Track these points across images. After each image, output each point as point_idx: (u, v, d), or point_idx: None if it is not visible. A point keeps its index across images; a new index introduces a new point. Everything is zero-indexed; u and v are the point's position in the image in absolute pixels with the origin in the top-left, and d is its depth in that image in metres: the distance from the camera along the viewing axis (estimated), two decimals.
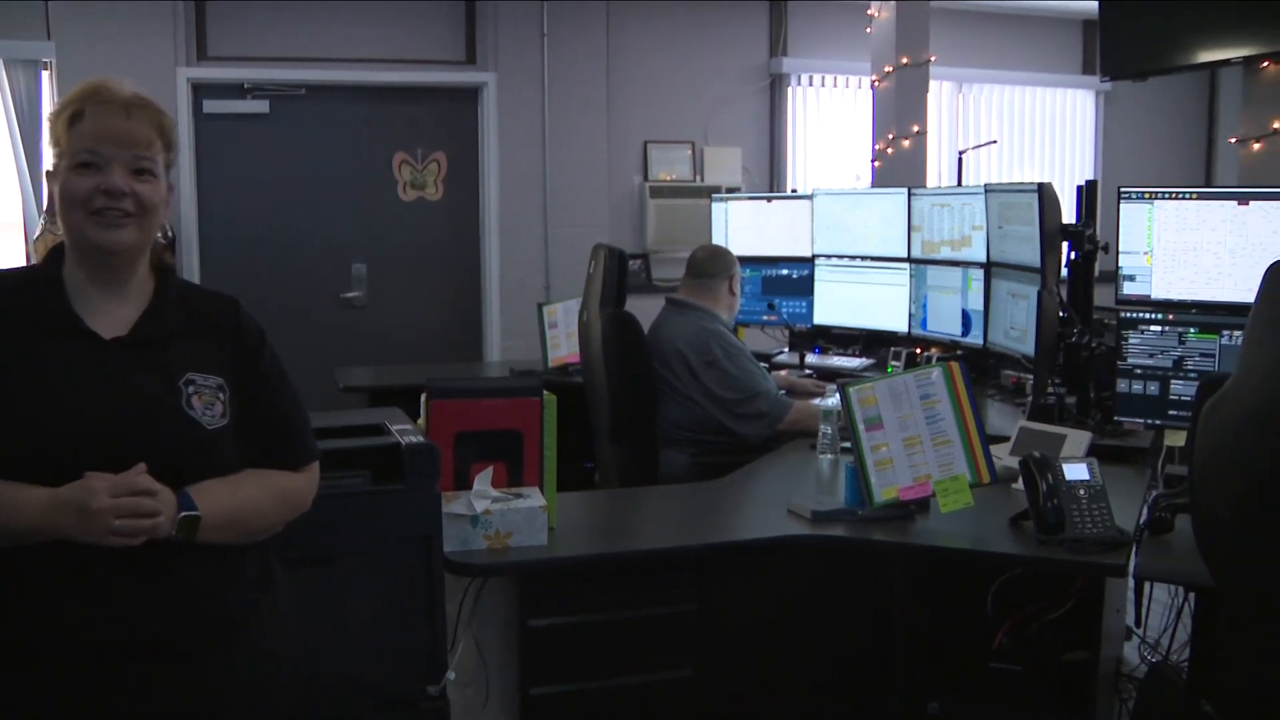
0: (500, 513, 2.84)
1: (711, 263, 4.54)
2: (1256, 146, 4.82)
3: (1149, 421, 3.62)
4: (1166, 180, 7.52)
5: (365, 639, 2.64)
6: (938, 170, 8.65)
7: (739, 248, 5.62)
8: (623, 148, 8.08)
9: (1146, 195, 3.67)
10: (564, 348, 5.52)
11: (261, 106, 7.01)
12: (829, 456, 3.77)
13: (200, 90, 6.84)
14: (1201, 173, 9.73)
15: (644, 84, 8.14)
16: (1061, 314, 4.04)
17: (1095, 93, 9.66)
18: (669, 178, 8.16)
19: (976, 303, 4.75)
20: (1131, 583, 3.68)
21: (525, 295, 7.08)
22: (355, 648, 2.63)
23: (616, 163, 8.02)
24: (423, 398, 2.96)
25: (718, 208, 5.98)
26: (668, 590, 2.97)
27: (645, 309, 4.62)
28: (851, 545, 3.05)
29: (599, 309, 4.47)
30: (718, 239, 5.82)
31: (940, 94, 9.07)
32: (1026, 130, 9.63)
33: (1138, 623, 3.83)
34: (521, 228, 7.56)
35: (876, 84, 7.20)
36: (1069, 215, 4.26)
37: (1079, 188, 4.31)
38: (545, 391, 3.02)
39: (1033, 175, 9.43)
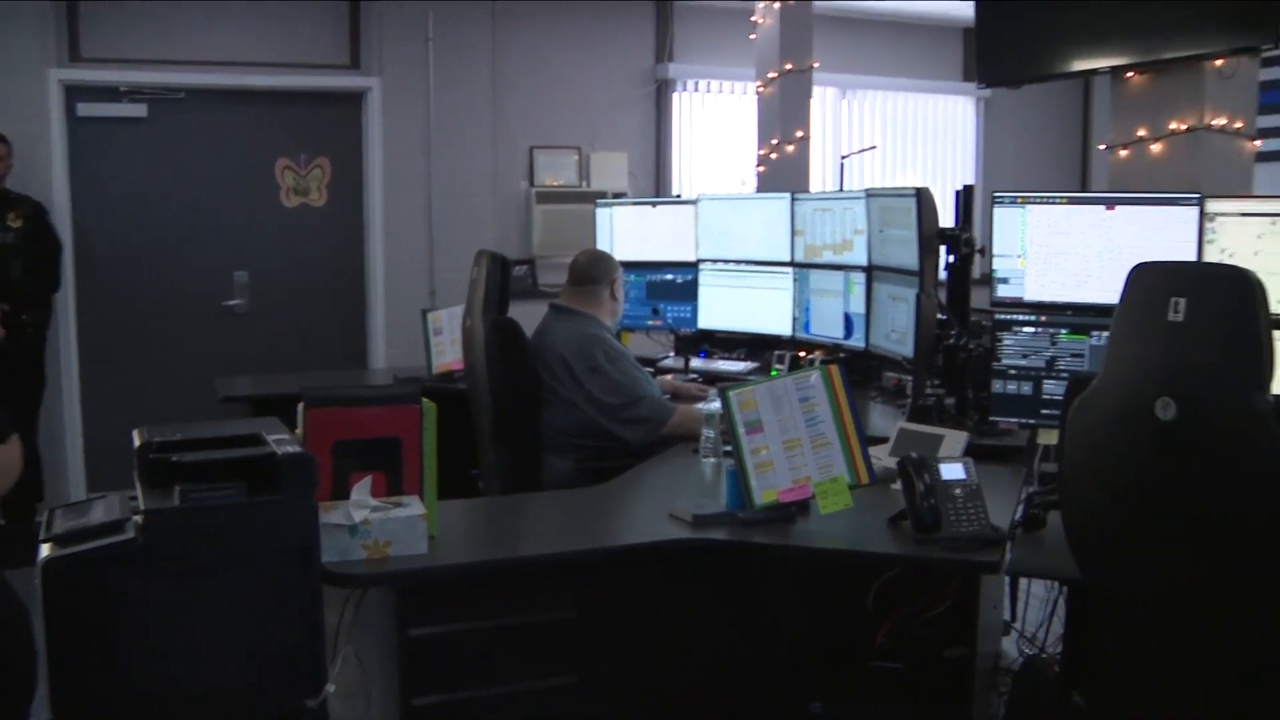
0: (379, 522, 2.80)
1: (593, 268, 4.54)
2: (1124, 153, 4.94)
3: (1023, 421, 3.70)
4: (1045, 185, 7.69)
5: (242, 652, 2.58)
6: (822, 175, 8.75)
7: (624, 253, 5.64)
8: (509, 153, 8.05)
9: (1019, 200, 3.74)
10: (449, 354, 5.48)
11: (139, 110, 6.85)
12: (711, 460, 3.78)
13: (74, 93, 6.66)
14: (1078, 178, 9.96)
15: (530, 89, 8.12)
16: (941, 316, 4.10)
17: (975, 99, 9.84)
18: (555, 183, 8.15)
19: (858, 306, 4.81)
20: (1008, 579, 3.77)
21: (410, 302, 7.02)
22: (232, 661, 2.57)
23: (502, 168, 7.98)
24: (300, 407, 2.92)
25: (602, 213, 5.98)
26: (549, 597, 2.96)
27: (532, 314, 4.59)
28: (732, 548, 3.06)
29: (482, 315, 4.44)
30: (602, 244, 5.82)
31: (824, 100, 9.17)
32: (910, 136, 9.77)
33: (1014, 617, 3.91)
34: (406, 233, 7.49)
35: (761, 90, 7.26)
36: (949, 219, 4.33)
37: (957, 192, 4.38)
38: (424, 399, 2.99)
39: (916, 180, 9.57)
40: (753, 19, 7.39)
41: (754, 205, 5.62)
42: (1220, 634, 2.23)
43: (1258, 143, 4.86)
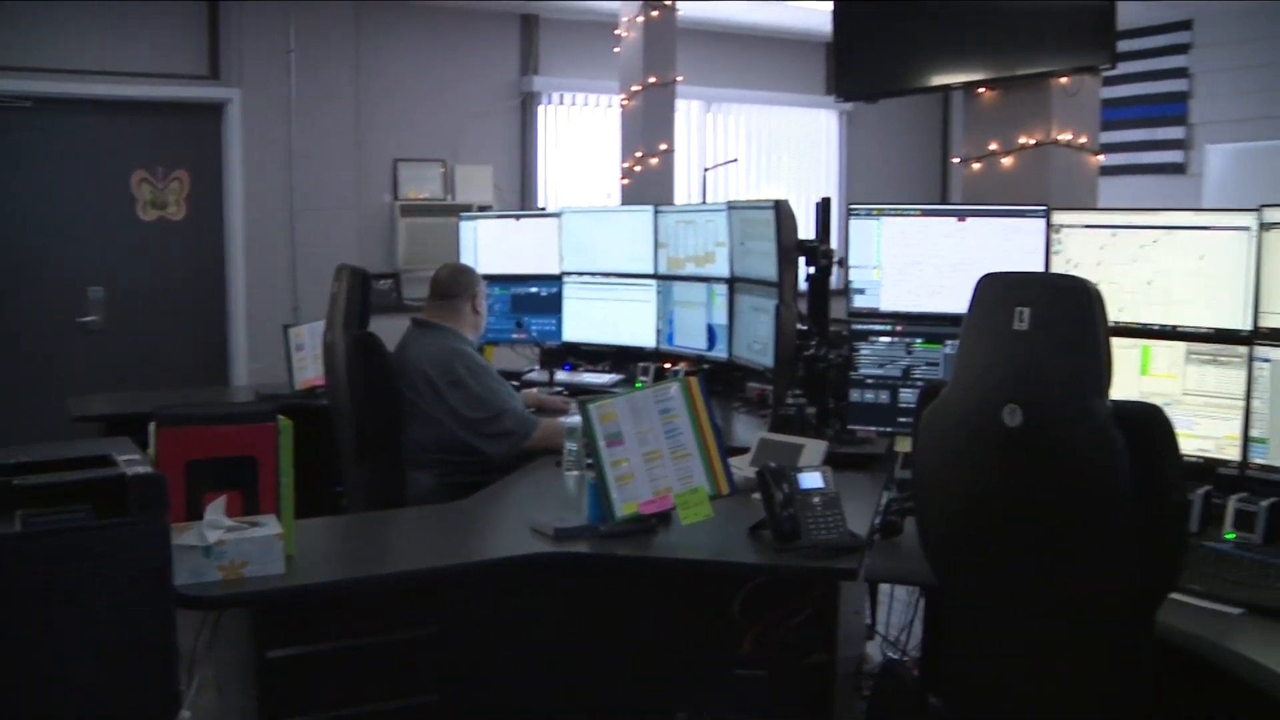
0: (234, 542, 2.74)
1: (454, 282, 4.51)
2: (976, 167, 5.08)
3: (881, 429, 3.77)
4: (906, 197, 7.85)
5: (93, 680, 2.51)
6: (687, 188, 8.82)
7: (488, 266, 5.64)
8: (372, 166, 7.98)
9: (874, 212, 3.81)
10: (311, 370, 5.40)
11: None
12: (575, 473, 3.78)
13: None
14: (938, 190, 10.19)
15: (394, 101, 8.06)
16: (801, 327, 4.16)
17: (838, 112, 10.01)
18: (420, 196, 8.10)
19: (720, 317, 4.86)
20: (869, 585, 3.83)
21: (273, 317, 6.90)
22: (81, 690, 2.50)
23: (366, 181, 7.91)
24: (151, 426, 2.85)
25: (466, 226, 5.95)
26: (410, 614, 2.93)
27: (398, 329, 4.55)
28: (594, 561, 3.06)
29: (342, 330, 4.38)
30: (466, 258, 5.80)
31: (689, 113, 9.25)
32: (774, 148, 9.89)
33: (874, 621, 3.98)
34: (268, 248, 7.37)
35: (625, 103, 7.29)
36: (811, 232, 4.39)
37: (817, 205, 4.45)
38: (281, 416, 2.94)
39: (781, 193, 9.69)
40: (617, 32, 7.42)
41: (617, 218, 5.64)
42: (1065, 636, 2.29)
43: (1101, 157, 5.03)
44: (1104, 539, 2.19)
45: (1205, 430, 3.24)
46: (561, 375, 5.51)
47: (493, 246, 5.86)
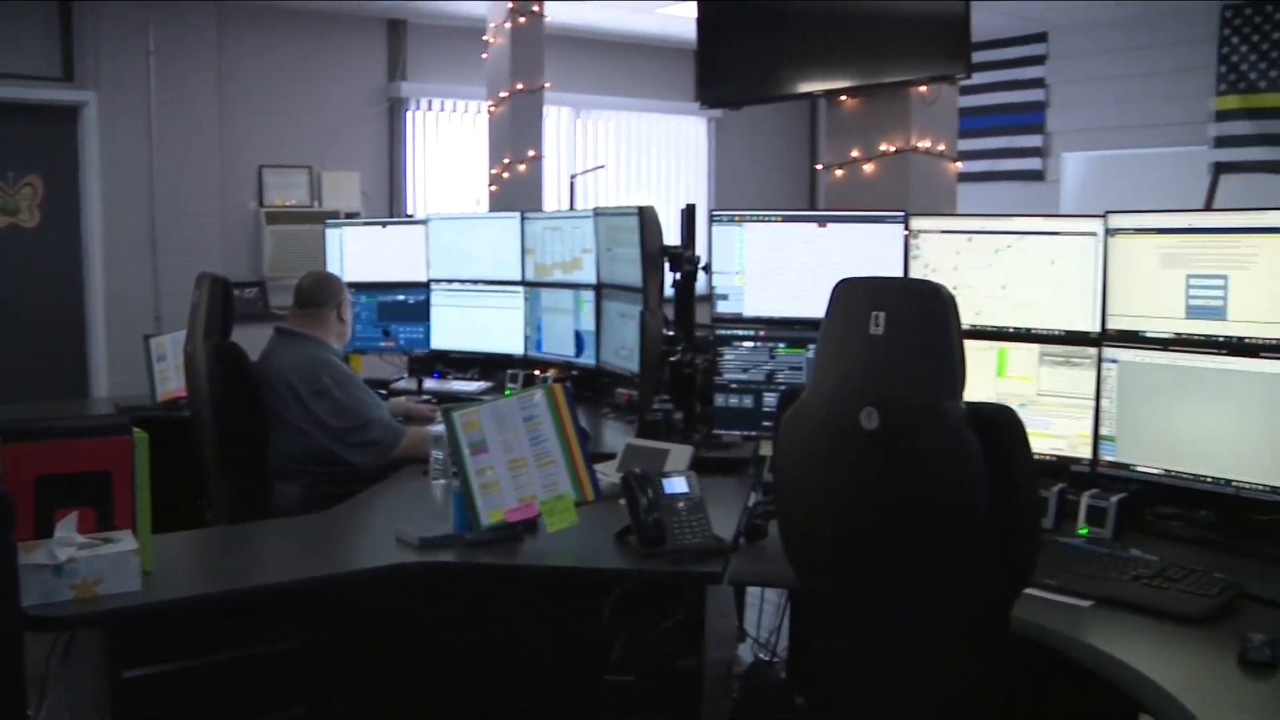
0: (86, 560, 2.66)
1: (318, 290, 4.45)
2: (839, 173, 5.16)
3: (746, 433, 3.81)
4: (775, 203, 7.95)
5: None
6: (558, 194, 8.82)
7: (354, 274, 5.58)
8: (237, 172, 7.84)
9: (736, 218, 3.85)
10: (174, 381, 5.28)
11: None
12: (442, 482, 3.74)
13: None
14: (806, 195, 10.33)
15: (259, 106, 7.94)
16: (668, 332, 4.18)
17: (707, 119, 10.09)
18: (286, 203, 7.98)
19: (588, 323, 4.87)
20: (737, 588, 3.86)
21: (133, 327, 6.73)
22: None
23: (230, 188, 7.77)
24: None
25: (332, 234, 5.87)
26: (272, 628, 2.87)
27: (265, 338, 4.48)
28: (461, 570, 3.04)
29: (203, 340, 4.29)
30: (332, 266, 5.72)
31: (559, 119, 9.25)
32: (645, 155, 9.95)
33: (741, 622, 4.01)
34: (128, 256, 7.20)
35: (493, 109, 7.27)
36: (677, 238, 4.41)
37: (682, 211, 4.47)
38: (136, 429, 2.87)
39: (652, 199, 9.74)
40: (485, 38, 7.39)
41: (484, 225, 5.62)
42: (924, 633, 2.33)
43: (959, 164, 5.14)
44: (960, 538, 2.23)
45: (1059, 429, 3.34)
46: (430, 383, 5.47)
47: (359, 254, 5.79)
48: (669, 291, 4.29)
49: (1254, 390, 2.99)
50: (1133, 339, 3.24)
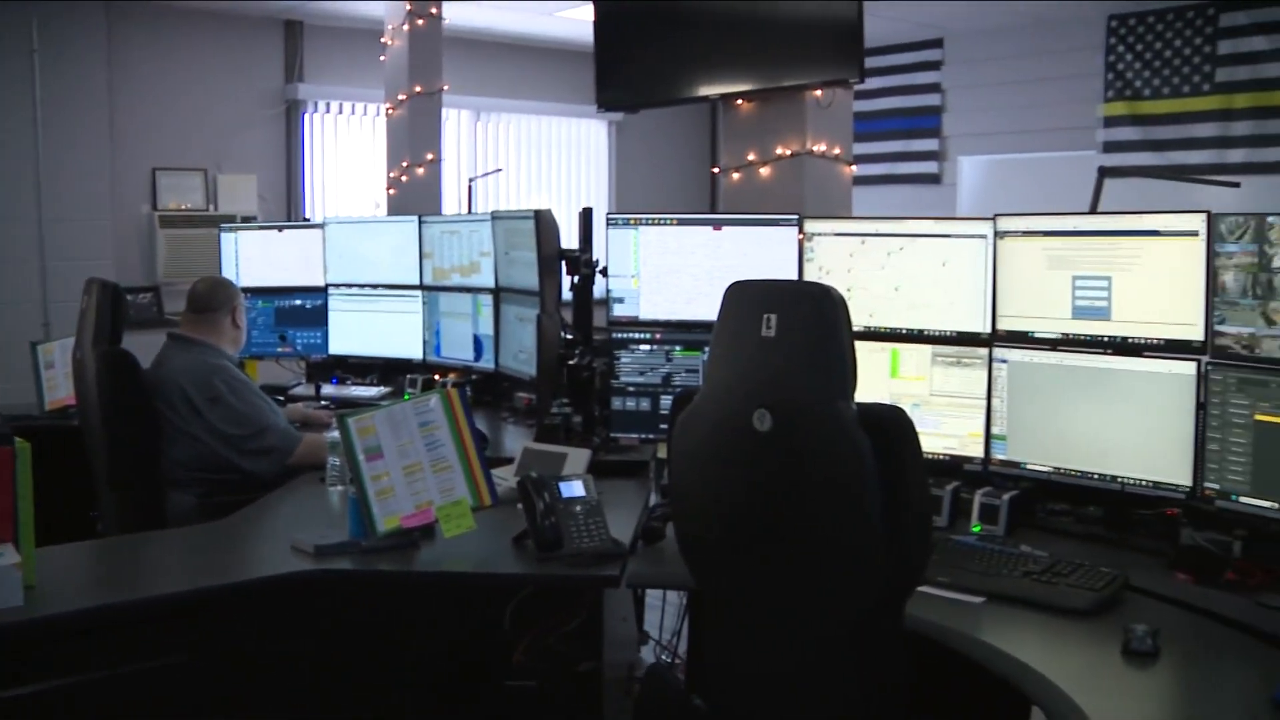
0: None
1: (211, 295, 4.38)
2: (736, 176, 5.19)
3: (643, 436, 3.82)
4: (676, 206, 7.97)
5: None
6: (458, 198, 8.78)
7: (250, 278, 5.50)
8: (129, 174, 7.69)
9: (631, 221, 3.86)
10: (63, 389, 5.16)
11: None
12: (339, 488, 3.70)
13: None
14: (707, 199, 10.38)
15: (152, 107, 7.79)
16: (566, 336, 4.17)
17: (608, 123, 10.10)
18: (180, 206, 7.84)
19: (487, 327, 4.86)
20: (638, 591, 3.86)
21: (20, 334, 6.54)
22: None
23: (122, 190, 7.62)
24: None
25: (227, 238, 5.78)
26: (163, 641, 2.82)
27: (159, 344, 4.38)
28: (357, 577, 3.01)
29: (92, 347, 4.20)
30: (228, 270, 5.63)
31: (458, 122, 9.21)
32: (546, 158, 9.93)
33: (641, 624, 4.02)
34: (14, 261, 7.02)
35: (391, 112, 7.21)
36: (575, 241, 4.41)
37: (580, 214, 4.47)
38: (18, 438, 2.79)
39: (554, 202, 9.73)
40: (383, 40, 7.33)
41: (382, 228, 5.58)
42: (819, 632, 2.35)
43: (854, 168, 5.20)
44: (853, 537, 2.26)
45: (952, 429, 3.39)
46: (328, 389, 5.41)
47: (255, 258, 5.70)
48: (567, 295, 4.28)
49: (1137, 389, 3.07)
50: (1022, 339, 3.31)
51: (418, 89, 7.01)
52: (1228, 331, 2.96)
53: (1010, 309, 3.33)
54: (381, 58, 7.37)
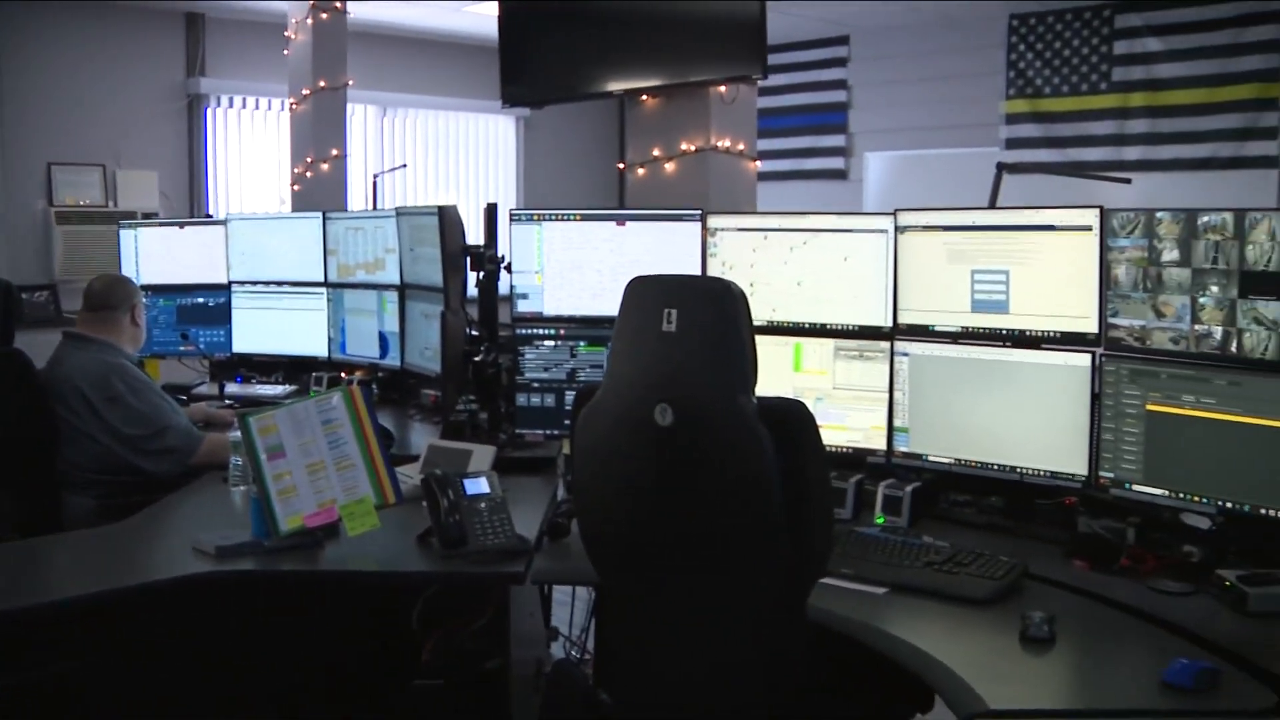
0: None
1: (109, 293, 4.29)
2: (641, 172, 5.20)
3: (548, 432, 3.82)
4: (585, 202, 7.96)
5: None
6: (365, 194, 8.70)
7: (151, 276, 5.42)
8: (22, 169, 7.52)
9: (535, 217, 3.86)
10: None
11: None
12: (241, 489, 3.65)
13: None
14: (616, 195, 10.38)
15: (47, 101, 7.62)
16: (472, 332, 4.15)
17: (516, 118, 10.07)
18: (78, 202, 7.68)
19: (392, 324, 4.83)
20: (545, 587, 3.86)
21: None
22: None
23: (15, 185, 7.45)
24: None
25: (126, 234, 5.67)
26: (54, 649, 2.76)
27: (56, 344, 4.29)
28: (260, 578, 2.97)
29: None
30: (127, 268, 5.53)
31: (365, 118, 9.12)
32: (454, 154, 9.87)
33: (547, 623, 4.01)
34: None
35: (295, 107, 7.12)
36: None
37: (485, 210, 4.45)
38: None
39: (462, 198, 9.68)
40: (286, 34, 7.24)
41: (286, 225, 5.52)
42: (722, 626, 2.37)
43: (758, 163, 5.24)
44: (755, 531, 2.27)
45: (855, 422, 3.43)
46: (233, 388, 5.33)
47: (156, 255, 5.60)
48: (473, 292, 4.26)
49: (1035, 381, 3.12)
50: (923, 333, 3.35)
51: (322, 84, 6.93)
52: (1120, 324, 3.02)
53: (911, 303, 3.37)
54: (285, 52, 7.27)
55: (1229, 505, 2.77)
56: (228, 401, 5.13)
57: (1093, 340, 3.07)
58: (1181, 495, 2.86)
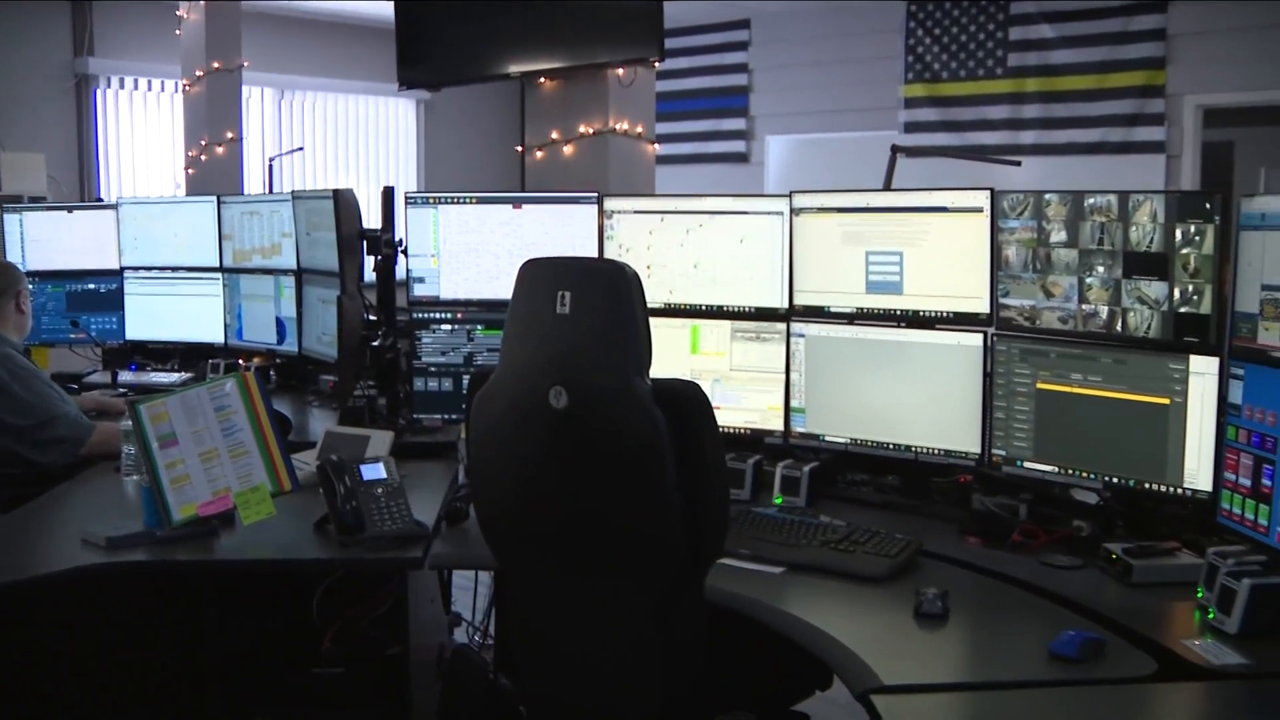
0: None
1: None
2: (540, 155, 5.19)
3: (446, 417, 3.80)
4: (487, 185, 7.92)
5: None
6: (262, 177, 8.58)
7: (37, 262, 5.31)
8: None
9: (430, 200, 3.83)
10: None
11: None
12: (134, 478, 3.58)
13: None
14: (519, 178, 10.34)
15: None
16: (370, 317, 4.12)
17: (416, 101, 9.97)
18: None
19: (290, 310, 4.78)
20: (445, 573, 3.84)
21: None
22: None
23: None
24: None
25: (10, 219, 5.53)
26: None
27: None
28: (153, 568, 2.92)
29: None
30: (12, 254, 5.40)
31: (262, 100, 8.99)
32: (354, 137, 9.76)
33: (448, 609, 4.00)
34: None
35: (188, 88, 6.99)
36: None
37: (382, 193, 4.40)
38: None
39: (363, 182, 9.58)
40: (178, 13, 7.10)
41: (179, 209, 5.43)
42: (620, 607, 2.37)
43: (657, 146, 5.25)
44: (651, 512, 2.27)
45: (752, 403, 3.45)
46: (126, 376, 5.23)
47: (43, 240, 5.48)
48: (371, 276, 4.22)
49: (928, 361, 3.17)
50: (819, 314, 3.38)
51: (216, 65, 6.81)
52: (1011, 304, 3.08)
53: (807, 284, 3.40)
54: (177, 32, 7.13)
55: (1115, 480, 2.84)
56: (121, 390, 5.03)
57: (984, 320, 3.12)
58: (1070, 471, 2.92)
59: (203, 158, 6.86)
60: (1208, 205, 2.70)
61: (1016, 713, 2.05)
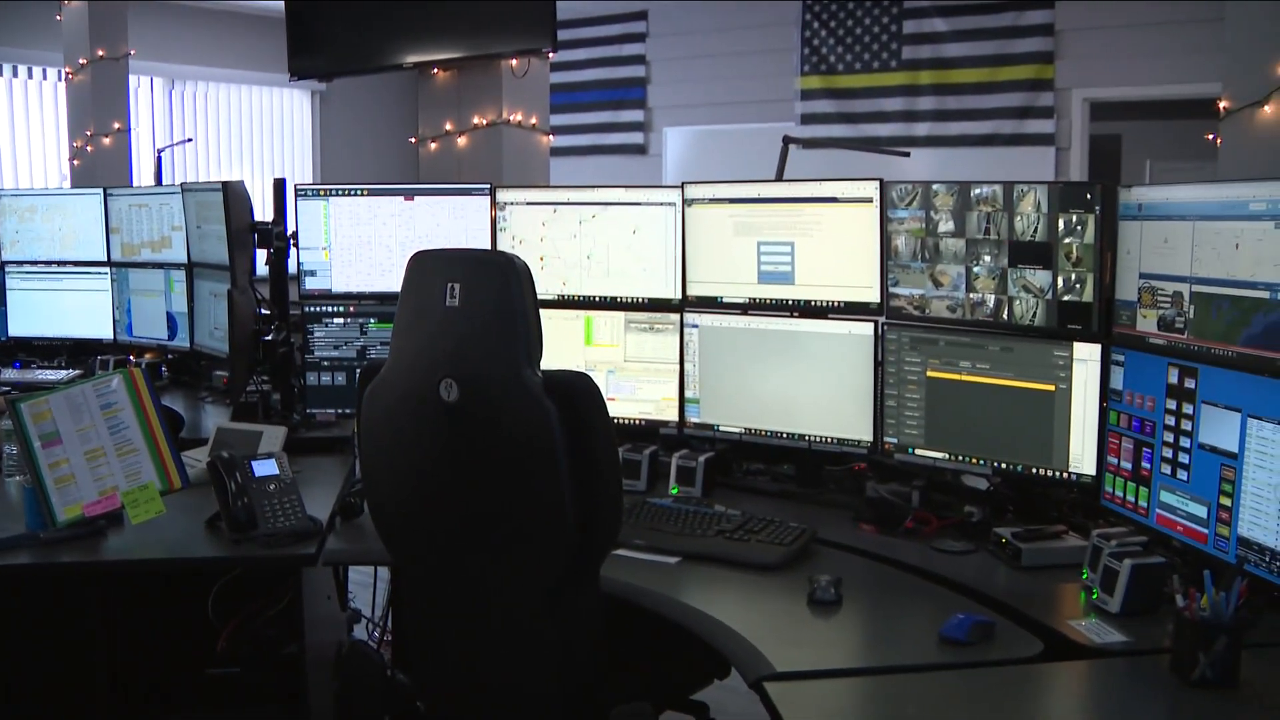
0: None
1: None
2: (433, 146, 5.15)
3: (339, 411, 3.76)
4: (384, 176, 7.85)
5: None
6: (154, 169, 8.41)
7: None
8: None
9: (321, 192, 3.79)
10: None
11: None
12: (17, 479, 3.50)
13: None
14: (415, 169, 10.26)
15: None
16: (262, 311, 4.06)
17: (310, 92, 9.85)
18: None
19: (181, 304, 4.69)
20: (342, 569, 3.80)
21: None
22: None
23: None
24: None
25: None
26: None
27: None
28: (37, 571, 2.85)
29: None
30: None
31: (151, 90, 8.81)
32: (247, 128, 9.61)
33: (344, 605, 3.96)
34: None
35: (72, 77, 6.83)
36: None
37: (273, 185, 4.34)
38: None
39: (257, 174, 9.44)
40: None
41: (64, 202, 5.28)
42: (514, 600, 2.37)
43: (553, 138, 5.24)
44: (543, 505, 2.27)
45: (647, 394, 3.46)
46: (9, 373, 5.09)
47: None
48: (263, 270, 4.16)
49: (821, 350, 3.20)
50: (711, 304, 3.40)
51: (100, 53, 6.65)
52: (900, 294, 3.12)
53: (700, 275, 3.41)
54: (58, 17, 6.95)
55: (1004, 466, 2.89)
56: (5, 389, 4.90)
57: (875, 309, 3.16)
58: (961, 458, 2.97)
59: (88, 149, 6.70)
60: (1089, 196, 2.76)
61: (907, 696, 2.08)
